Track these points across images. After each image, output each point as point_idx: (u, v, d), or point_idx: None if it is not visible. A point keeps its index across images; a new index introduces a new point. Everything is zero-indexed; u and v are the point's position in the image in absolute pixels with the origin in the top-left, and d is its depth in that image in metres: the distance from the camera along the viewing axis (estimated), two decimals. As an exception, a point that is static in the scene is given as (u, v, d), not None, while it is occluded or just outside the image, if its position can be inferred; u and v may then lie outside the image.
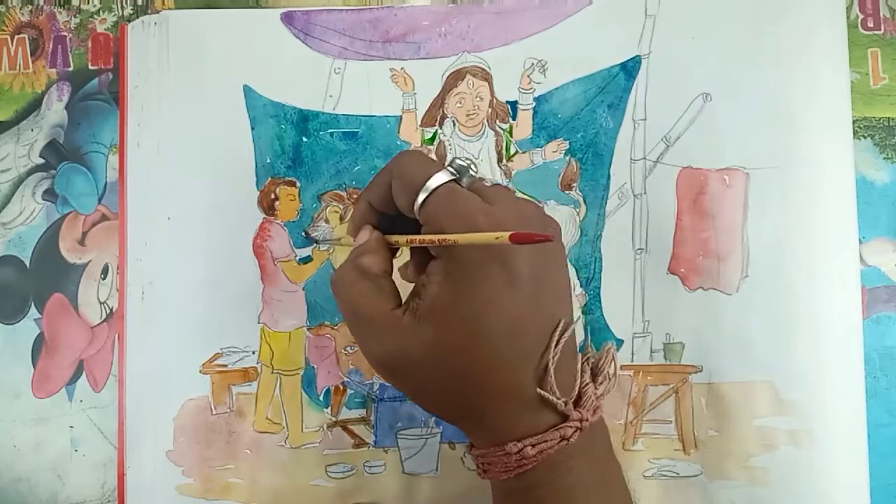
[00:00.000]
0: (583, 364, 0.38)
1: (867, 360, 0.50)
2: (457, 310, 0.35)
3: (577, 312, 0.51)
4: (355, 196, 0.51)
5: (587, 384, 0.37)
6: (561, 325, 0.36)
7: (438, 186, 0.36)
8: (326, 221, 0.51)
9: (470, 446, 0.40)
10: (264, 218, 0.51)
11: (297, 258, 0.51)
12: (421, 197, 0.36)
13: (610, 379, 0.39)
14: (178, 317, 0.50)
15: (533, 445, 0.35)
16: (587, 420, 0.36)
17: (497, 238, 0.32)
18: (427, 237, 0.35)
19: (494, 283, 0.35)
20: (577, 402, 0.37)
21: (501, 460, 0.36)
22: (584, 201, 0.51)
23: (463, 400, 0.37)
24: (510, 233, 0.31)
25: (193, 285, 0.50)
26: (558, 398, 0.36)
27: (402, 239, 0.39)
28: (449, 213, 0.35)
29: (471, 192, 0.36)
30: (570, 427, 0.36)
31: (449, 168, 0.37)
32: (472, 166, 0.37)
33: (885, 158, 0.52)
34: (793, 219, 0.50)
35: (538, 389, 0.35)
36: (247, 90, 0.51)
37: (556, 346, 0.36)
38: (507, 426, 0.36)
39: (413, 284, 0.39)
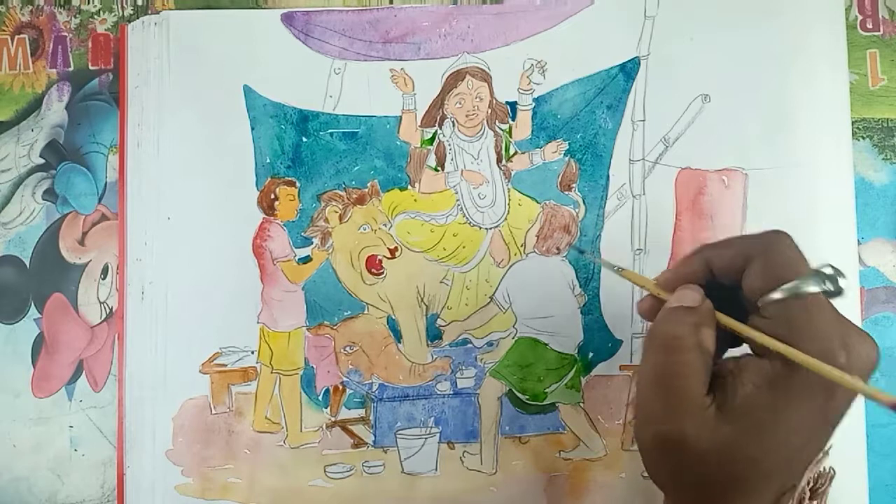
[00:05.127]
0: (804, 486, 0.37)
1: (866, 360, 0.50)
2: (768, 426, 0.33)
3: (576, 313, 0.51)
4: (355, 195, 0.51)
5: None
6: (818, 457, 0.36)
7: (807, 294, 0.34)
8: (326, 221, 0.51)
9: None
10: (264, 218, 0.51)
11: (297, 258, 0.51)
12: (779, 294, 0.34)
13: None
14: (177, 317, 0.50)
15: None
16: None
17: (872, 394, 0.30)
18: (772, 342, 0.33)
19: (813, 415, 0.34)
20: None
21: None
22: (584, 202, 0.51)
23: (708, 500, 0.36)
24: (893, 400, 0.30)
25: (193, 285, 0.50)
26: None
27: (736, 325, 0.35)
28: (808, 331, 0.33)
29: (836, 315, 0.34)
30: None
31: (822, 272, 0.35)
32: (841, 277, 0.35)
33: (883, 159, 0.52)
34: (791, 219, 0.50)
35: None
36: (247, 90, 0.51)
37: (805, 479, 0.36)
38: None
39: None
